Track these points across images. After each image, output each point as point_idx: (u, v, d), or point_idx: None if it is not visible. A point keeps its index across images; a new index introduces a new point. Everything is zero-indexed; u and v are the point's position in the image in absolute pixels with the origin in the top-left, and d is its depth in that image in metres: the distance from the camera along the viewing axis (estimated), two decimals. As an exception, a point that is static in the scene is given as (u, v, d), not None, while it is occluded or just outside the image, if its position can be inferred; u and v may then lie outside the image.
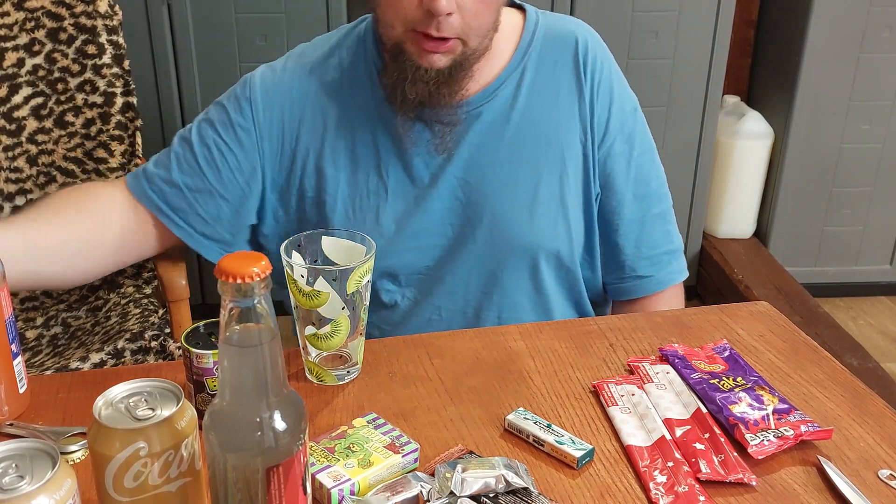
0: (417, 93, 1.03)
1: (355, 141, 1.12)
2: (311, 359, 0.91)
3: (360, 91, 1.12)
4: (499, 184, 1.12)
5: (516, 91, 1.12)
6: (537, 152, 1.12)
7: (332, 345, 0.89)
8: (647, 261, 1.19)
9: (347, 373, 0.92)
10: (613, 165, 1.15)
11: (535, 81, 1.13)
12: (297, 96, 1.13)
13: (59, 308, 1.66)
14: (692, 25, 2.38)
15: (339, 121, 1.12)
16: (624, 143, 1.15)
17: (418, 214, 1.12)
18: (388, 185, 1.11)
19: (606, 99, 1.14)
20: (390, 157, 1.11)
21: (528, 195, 1.13)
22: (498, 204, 1.12)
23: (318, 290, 0.86)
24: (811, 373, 0.96)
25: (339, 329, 0.88)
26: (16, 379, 0.86)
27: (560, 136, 1.13)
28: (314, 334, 0.89)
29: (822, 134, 2.59)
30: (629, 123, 1.16)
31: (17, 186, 1.69)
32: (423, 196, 1.12)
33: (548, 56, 1.13)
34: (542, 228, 1.13)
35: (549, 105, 1.13)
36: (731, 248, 2.71)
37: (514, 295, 1.16)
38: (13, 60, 1.67)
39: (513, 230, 1.12)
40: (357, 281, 0.87)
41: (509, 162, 1.12)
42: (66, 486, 0.59)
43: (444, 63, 1.02)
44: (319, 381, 0.92)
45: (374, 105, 1.11)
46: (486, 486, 0.72)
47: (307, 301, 0.87)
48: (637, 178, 1.17)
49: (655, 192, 1.19)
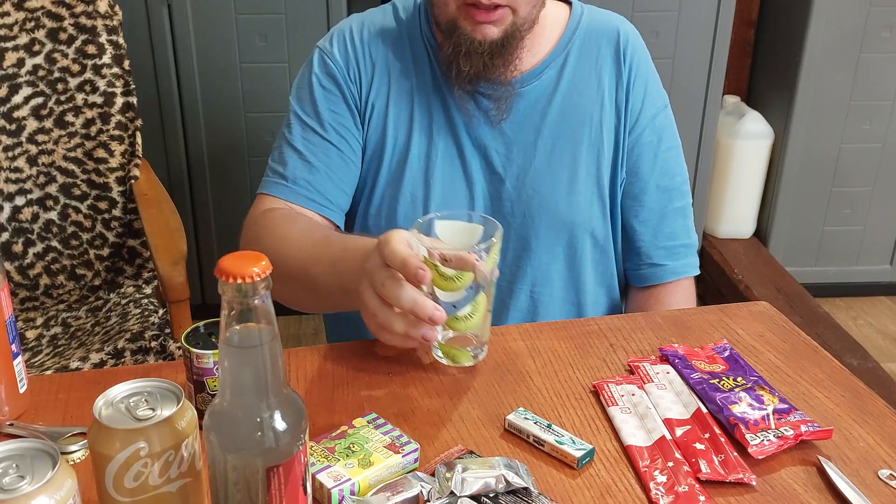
0: (472, 65, 1.09)
1: (413, 106, 1.17)
2: (440, 340, 0.92)
3: (421, 71, 1.18)
4: (539, 160, 1.17)
5: (559, 74, 1.17)
6: (577, 133, 1.17)
7: (471, 325, 0.90)
8: (663, 250, 1.23)
9: (482, 350, 0.94)
10: (641, 153, 1.20)
11: (577, 66, 1.18)
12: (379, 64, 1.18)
13: (59, 308, 1.66)
14: (692, 25, 2.38)
15: (400, 86, 1.18)
16: (653, 134, 1.20)
17: (461, 182, 1.17)
18: (437, 151, 1.17)
19: (641, 90, 1.19)
20: (441, 126, 1.17)
21: (568, 172, 1.17)
22: (538, 179, 1.17)
23: (461, 272, 0.86)
24: (811, 373, 0.96)
25: (478, 308, 0.90)
26: (16, 379, 0.86)
27: (599, 119, 1.18)
28: (454, 316, 0.89)
29: (822, 134, 2.60)
30: (660, 117, 1.21)
31: (17, 186, 1.69)
32: (468, 166, 1.17)
33: (591, 44, 1.19)
34: (579, 205, 1.18)
35: (590, 89, 1.18)
36: (731, 248, 2.71)
37: (547, 270, 1.20)
38: (13, 60, 1.67)
39: (551, 205, 1.17)
40: (494, 259, 0.88)
41: (551, 140, 1.17)
42: (66, 486, 0.59)
43: (497, 34, 1.07)
44: (455, 362, 0.93)
45: (430, 78, 1.17)
46: (486, 486, 0.72)
47: (448, 284, 0.87)
48: (662, 169, 1.21)
49: (678, 188, 1.24)
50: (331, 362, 0.97)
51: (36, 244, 1.70)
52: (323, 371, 0.95)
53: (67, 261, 1.71)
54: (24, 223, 1.69)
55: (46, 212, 1.70)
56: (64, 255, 1.71)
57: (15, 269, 1.68)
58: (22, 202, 1.69)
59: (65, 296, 1.70)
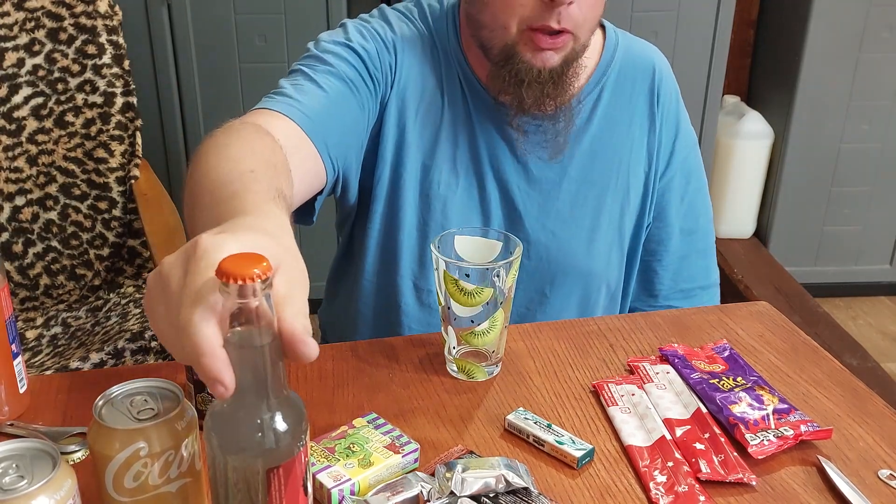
0: (534, 96, 1.01)
1: (440, 128, 1.09)
2: (454, 355, 0.93)
3: (452, 80, 1.09)
4: (562, 203, 1.11)
5: (592, 112, 1.11)
6: (605, 178, 1.12)
7: (487, 340, 0.91)
8: (681, 293, 1.21)
9: (496, 367, 0.94)
10: (670, 198, 1.17)
11: (611, 104, 1.12)
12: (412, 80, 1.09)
13: (59, 308, 1.66)
14: (692, 25, 2.38)
15: (437, 122, 1.09)
16: (683, 177, 1.17)
17: (478, 216, 1.12)
18: (459, 180, 1.10)
19: (672, 132, 1.15)
20: (464, 154, 1.10)
21: (590, 220, 1.13)
22: (559, 223, 1.12)
23: (481, 288, 0.87)
24: (811, 373, 0.96)
25: (495, 325, 0.90)
26: (16, 379, 0.86)
27: (628, 164, 1.13)
28: (471, 332, 0.90)
29: (822, 134, 2.60)
30: (690, 159, 1.17)
31: (17, 186, 1.69)
32: (487, 200, 1.11)
33: (626, 79, 1.13)
34: (599, 255, 1.14)
35: (622, 130, 1.12)
36: (731, 248, 2.71)
37: (558, 316, 1.16)
38: (13, 60, 1.67)
39: (570, 252, 1.13)
40: (513, 275, 0.88)
41: (577, 182, 1.11)
42: (66, 486, 0.59)
43: (556, 62, 1.00)
44: (470, 377, 0.93)
45: (461, 99, 1.09)
46: (486, 486, 0.72)
47: (468, 300, 0.88)
48: (688, 213, 1.18)
49: (703, 228, 1.21)
50: (331, 362, 0.97)
51: (36, 244, 1.70)
52: (323, 371, 0.95)
53: (67, 261, 1.71)
54: (24, 223, 1.69)
55: (46, 212, 1.70)
56: (64, 255, 1.71)
57: (15, 269, 1.68)
58: (22, 202, 1.69)
59: (65, 296, 1.70)
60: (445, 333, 0.93)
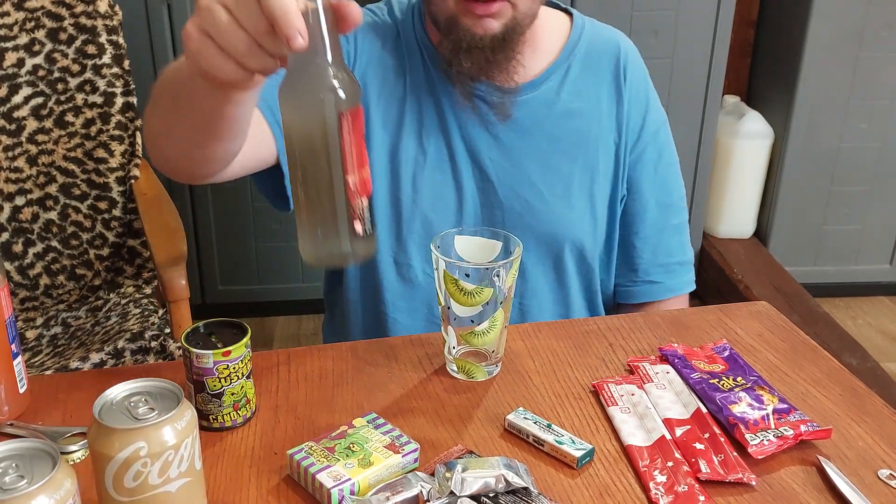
0: (473, 61, 1.07)
1: (404, 108, 1.15)
2: (454, 355, 0.93)
3: (416, 71, 1.15)
4: (533, 171, 1.15)
5: (560, 85, 1.16)
6: (574, 147, 1.16)
7: (487, 340, 0.91)
8: (661, 267, 1.23)
9: (496, 367, 0.94)
10: (642, 171, 1.20)
11: (578, 79, 1.17)
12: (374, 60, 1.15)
13: (59, 308, 1.66)
14: (692, 25, 2.38)
15: (391, 85, 1.15)
16: (654, 151, 1.20)
17: (451, 188, 1.15)
18: (427, 154, 1.14)
19: (643, 107, 1.19)
20: (432, 129, 1.15)
21: (561, 186, 1.16)
22: (531, 190, 1.15)
23: (481, 287, 0.87)
24: (810, 372, 0.96)
25: (495, 324, 0.90)
26: (16, 379, 0.87)
27: (597, 135, 1.17)
28: (471, 332, 0.90)
29: (822, 134, 2.60)
30: (660, 134, 1.22)
31: (17, 186, 1.69)
32: (458, 171, 1.15)
33: (592, 57, 1.18)
34: (570, 219, 1.17)
35: (589, 103, 1.17)
36: (731, 248, 2.71)
37: (535, 281, 1.19)
38: (13, 60, 1.67)
39: (542, 216, 1.16)
40: (513, 275, 0.89)
41: (547, 152, 1.16)
42: (66, 486, 0.59)
43: (498, 28, 1.06)
44: (469, 377, 0.93)
45: (424, 80, 1.15)
46: (486, 485, 0.72)
47: (468, 299, 0.88)
48: (662, 186, 1.22)
49: (676, 204, 1.24)
50: (330, 362, 0.97)
51: (36, 244, 1.70)
52: (323, 371, 0.95)
53: (67, 261, 1.71)
54: (24, 223, 1.69)
55: (46, 212, 1.70)
56: (64, 255, 1.71)
57: (15, 269, 1.68)
58: (22, 202, 1.69)
59: (65, 296, 1.70)
60: (445, 333, 0.93)
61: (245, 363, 0.84)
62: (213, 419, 0.84)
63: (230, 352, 0.82)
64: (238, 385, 0.84)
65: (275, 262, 2.52)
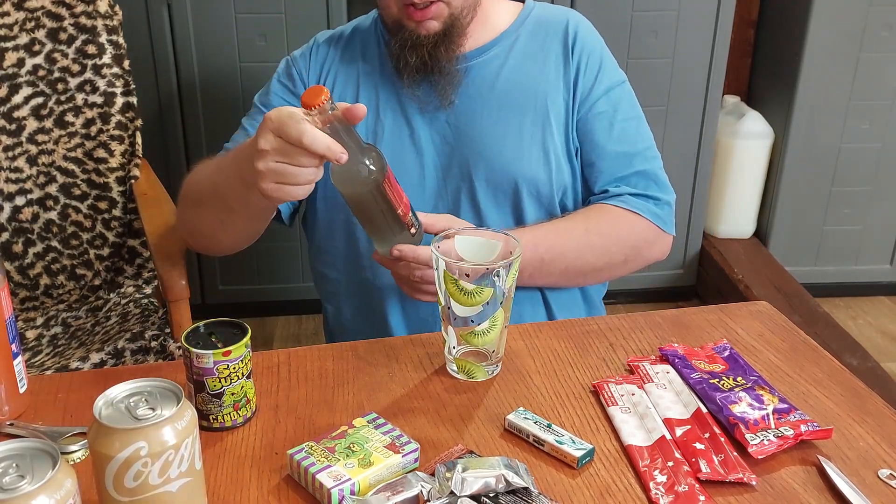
0: (418, 55, 1.19)
1: (358, 87, 1.28)
2: (455, 355, 0.93)
3: (369, 62, 1.29)
4: (486, 126, 1.23)
5: (508, 52, 1.26)
6: (522, 103, 1.24)
7: (487, 340, 0.91)
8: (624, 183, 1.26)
9: (496, 366, 0.95)
10: (595, 123, 1.25)
11: (526, 47, 1.27)
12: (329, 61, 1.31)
13: (59, 308, 1.66)
14: (692, 25, 2.38)
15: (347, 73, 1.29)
16: (607, 104, 1.25)
17: (411, 153, 1.24)
18: (385, 126, 1.24)
19: (595, 68, 1.26)
20: (388, 104, 1.25)
21: (512, 136, 1.23)
22: (485, 142, 1.23)
23: (482, 287, 0.87)
24: (811, 372, 0.96)
25: (496, 324, 0.90)
26: (16, 379, 0.86)
27: (545, 92, 1.24)
28: (471, 332, 0.90)
29: (822, 134, 2.59)
30: (616, 91, 1.27)
31: (17, 186, 1.69)
32: (417, 137, 1.24)
33: (540, 29, 1.28)
34: (521, 161, 1.23)
35: (537, 67, 1.26)
36: (731, 248, 2.71)
37: (496, 226, 1.22)
38: (13, 60, 1.67)
39: (495, 162, 1.22)
40: (513, 275, 0.89)
41: (497, 109, 1.24)
42: (66, 486, 0.59)
43: (437, 27, 1.18)
44: (470, 377, 0.94)
45: (378, 65, 1.28)
46: (486, 485, 0.72)
47: (468, 299, 0.88)
48: (620, 138, 1.25)
49: (641, 153, 1.27)
50: (331, 362, 0.97)
51: (36, 244, 1.69)
52: (323, 371, 0.95)
53: (67, 261, 1.71)
54: (24, 223, 1.69)
55: (46, 212, 1.70)
56: (64, 255, 1.71)
57: (15, 269, 1.68)
58: (22, 202, 1.69)
59: (65, 296, 1.70)
60: (445, 333, 0.93)
61: (245, 363, 0.84)
62: (213, 419, 0.84)
63: (230, 352, 0.82)
64: (238, 385, 0.84)
65: (275, 262, 2.52)
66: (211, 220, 1.14)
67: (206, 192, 1.12)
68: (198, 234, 1.22)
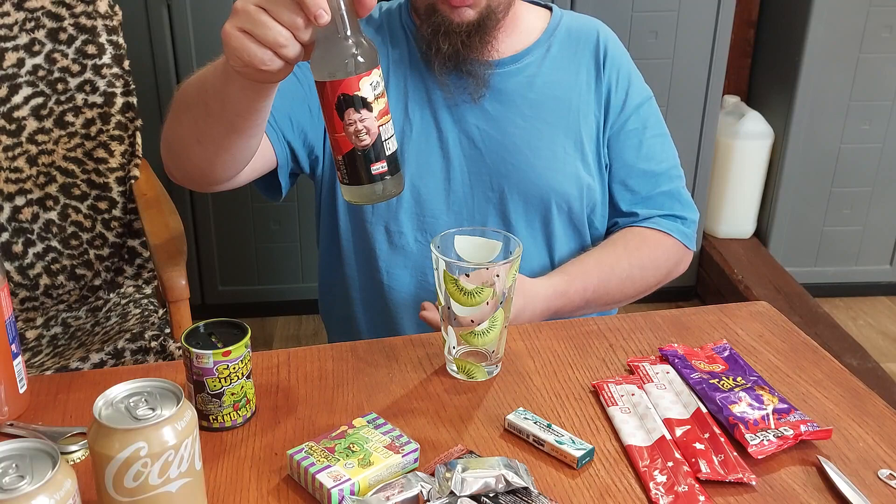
0: (450, 43, 1.15)
1: (388, 82, 1.22)
2: (454, 355, 0.93)
3: (398, 49, 1.24)
4: (518, 136, 1.21)
5: (541, 62, 1.24)
6: (556, 115, 1.23)
7: (487, 340, 0.91)
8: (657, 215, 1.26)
9: (496, 367, 0.95)
10: (626, 140, 1.25)
11: (558, 57, 1.25)
12: None
13: (59, 308, 1.66)
14: (692, 25, 2.38)
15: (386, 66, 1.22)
16: (637, 121, 1.26)
17: (439, 156, 1.21)
18: (413, 125, 1.21)
19: (625, 83, 1.26)
20: (417, 101, 1.22)
21: (545, 149, 1.22)
22: (517, 154, 1.21)
23: (481, 287, 0.87)
24: (811, 373, 0.96)
25: (495, 324, 0.90)
26: (16, 379, 0.86)
27: (577, 106, 1.24)
28: (471, 332, 0.90)
29: (822, 134, 2.59)
30: (645, 107, 1.27)
31: (17, 186, 1.69)
32: (445, 140, 1.21)
33: (571, 39, 1.26)
34: (555, 177, 1.21)
35: (570, 78, 1.24)
36: (731, 248, 2.71)
37: (525, 244, 1.21)
38: (13, 60, 1.67)
39: (527, 176, 1.21)
40: (513, 275, 0.89)
41: (530, 118, 1.22)
42: (66, 486, 0.59)
43: (473, 16, 1.14)
44: (469, 377, 0.93)
45: (408, 57, 1.23)
46: (486, 485, 0.72)
47: (468, 299, 0.88)
48: (648, 155, 1.26)
49: (666, 173, 1.27)
50: (331, 362, 0.97)
51: (36, 244, 1.69)
52: (323, 371, 0.95)
53: (67, 261, 1.71)
54: (24, 223, 1.69)
55: (46, 212, 1.70)
56: (64, 255, 1.71)
57: (15, 269, 1.68)
58: (22, 202, 1.69)
59: (65, 296, 1.70)
60: (445, 333, 0.93)
61: (245, 363, 0.84)
62: (213, 419, 0.84)
63: (230, 352, 0.82)
64: (238, 385, 0.84)
65: (275, 262, 2.52)
66: (188, 128, 1.03)
67: (191, 94, 1.01)
68: (173, 149, 1.10)
